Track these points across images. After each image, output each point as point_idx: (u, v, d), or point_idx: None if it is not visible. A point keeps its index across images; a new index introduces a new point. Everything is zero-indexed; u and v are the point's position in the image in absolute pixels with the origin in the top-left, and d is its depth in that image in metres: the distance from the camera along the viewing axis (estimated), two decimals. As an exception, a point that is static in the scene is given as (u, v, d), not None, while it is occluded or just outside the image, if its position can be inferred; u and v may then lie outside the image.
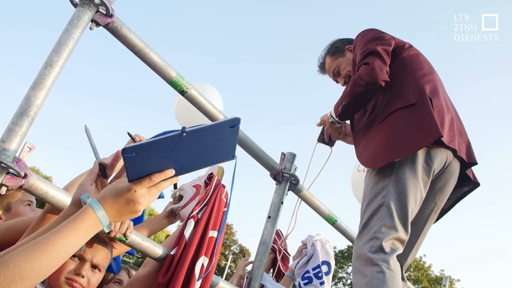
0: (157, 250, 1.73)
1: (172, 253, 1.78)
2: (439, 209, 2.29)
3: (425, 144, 2.04)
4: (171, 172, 1.10)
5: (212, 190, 1.97)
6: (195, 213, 1.88)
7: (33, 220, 1.55)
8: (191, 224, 1.85)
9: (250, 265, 2.71)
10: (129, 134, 1.82)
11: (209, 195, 1.95)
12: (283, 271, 2.96)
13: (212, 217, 1.90)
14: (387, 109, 2.18)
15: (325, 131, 2.59)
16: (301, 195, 2.64)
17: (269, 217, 2.39)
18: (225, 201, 1.99)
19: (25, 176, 1.29)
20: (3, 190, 1.25)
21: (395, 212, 2.02)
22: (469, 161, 2.27)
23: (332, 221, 2.95)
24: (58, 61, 1.38)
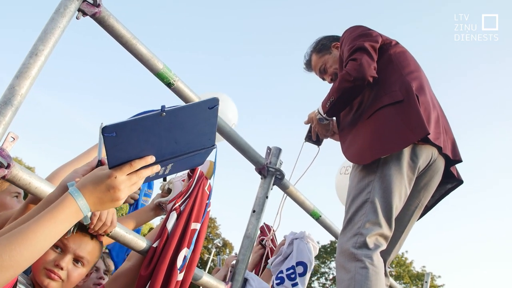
0: (140, 243, 1.72)
1: (155, 245, 1.77)
2: (423, 206, 2.32)
3: (412, 141, 2.06)
4: (151, 159, 1.09)
5: (194, 182, 1.96)
6: (177, 205, 1.87)
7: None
8: (173, 216, 1.84)
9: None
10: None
11: (192, 187, 1.94)
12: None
13: (194, 209, 1.90)
14: (374, 105, 2.19)
15: (312, 129, 2.58)
16: (286, 190, 2.64)
17: (253, 211, 2.39)
18: (208, 193, 1.98)
19: (8, 166, 1.26)
20: (-15, 180, 1.23)
21: (379, 208, 2.03)
22: (454, 159, 2.29)
23: (316, 216, 2.96)
24: (43, 50, 1.36)
